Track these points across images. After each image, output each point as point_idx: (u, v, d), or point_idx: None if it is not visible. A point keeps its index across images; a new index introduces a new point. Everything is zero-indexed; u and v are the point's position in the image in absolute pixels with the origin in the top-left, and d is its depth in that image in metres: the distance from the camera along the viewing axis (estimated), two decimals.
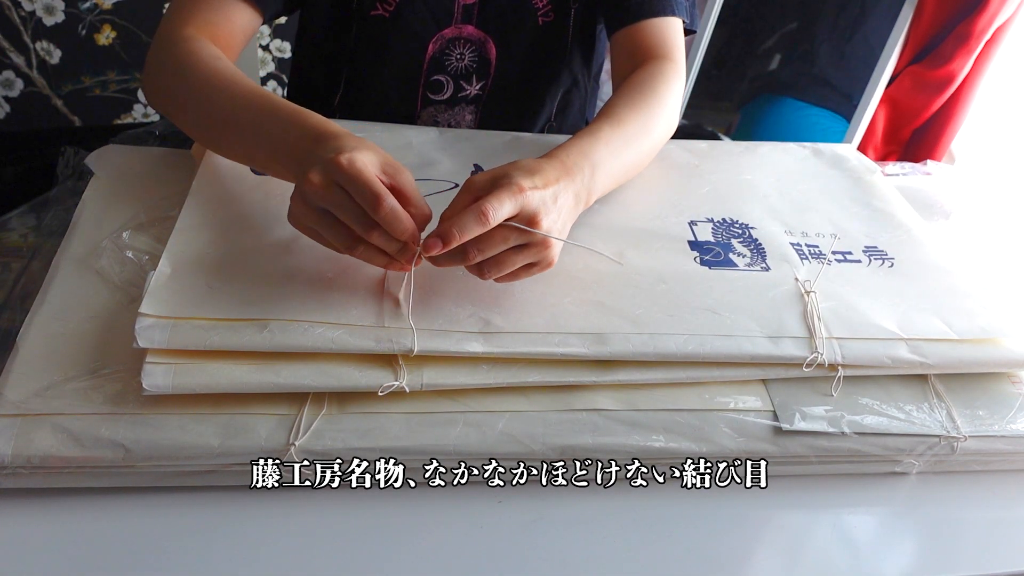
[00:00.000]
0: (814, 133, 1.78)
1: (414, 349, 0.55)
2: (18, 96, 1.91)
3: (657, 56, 0.80)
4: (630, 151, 0.70)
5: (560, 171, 0.59)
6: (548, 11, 0.87)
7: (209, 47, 0.69)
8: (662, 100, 0.75)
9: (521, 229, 0.54)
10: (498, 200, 0.53)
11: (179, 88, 0.68)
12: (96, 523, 0.53)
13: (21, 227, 0.75)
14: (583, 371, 0.58)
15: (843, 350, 0.60)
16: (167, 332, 0.54)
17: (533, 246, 0.56)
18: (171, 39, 0.70)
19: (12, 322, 0.60)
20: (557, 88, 0.93)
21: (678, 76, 0.79)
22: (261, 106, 0.62)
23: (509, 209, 0.53)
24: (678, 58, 0.81)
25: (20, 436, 0.51)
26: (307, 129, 0.58)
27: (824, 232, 0.73)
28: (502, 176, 0.56)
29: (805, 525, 0.59)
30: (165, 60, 0.70)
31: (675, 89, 0.78)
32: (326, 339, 0.55)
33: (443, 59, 0.87)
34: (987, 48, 1.42)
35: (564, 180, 0.59)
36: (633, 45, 0.82)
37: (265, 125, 0.61)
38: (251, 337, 0.54)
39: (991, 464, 0.63)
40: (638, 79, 0.76)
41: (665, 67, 0.78)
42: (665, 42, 0.81)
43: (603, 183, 0.66)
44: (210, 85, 0.66)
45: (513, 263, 0.56)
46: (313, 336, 0.55)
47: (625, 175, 0.72)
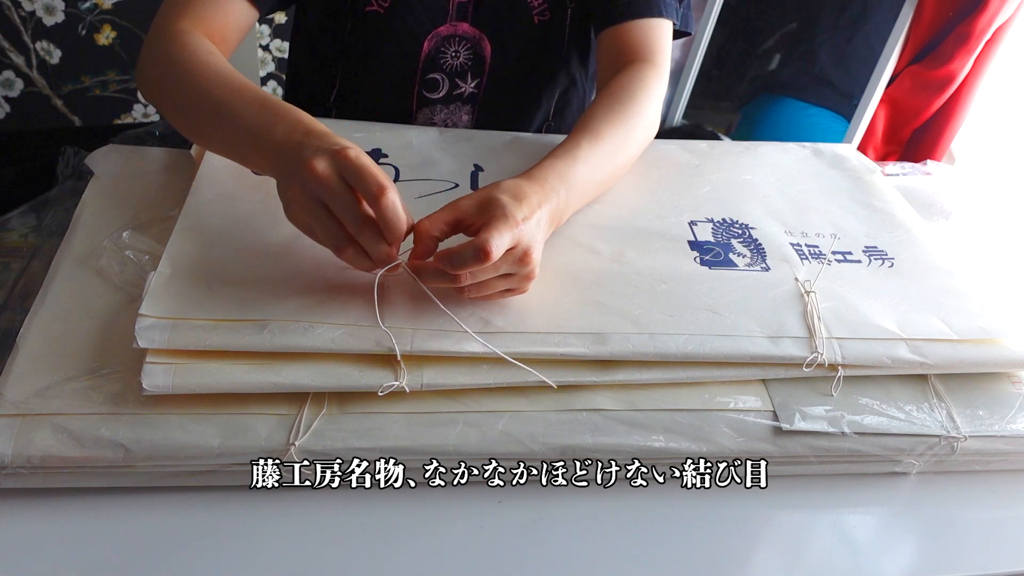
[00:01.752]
0: (814, 133, 1.78)
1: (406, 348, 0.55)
2: (18, 96, 1.91)
3: (640, 59, 0.80)
4: (607, 167, 0.71)
5: (541, 195, 0.60)
6: (544, 10, 0.87)
7: (202, 41, 0.69)
8: (642, 108, 0.75)
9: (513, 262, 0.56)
10: (499, 236, 0.53)
11: (168, 80, 0.69)
12: (96, 523, 0.53)
13: (21, 227, 0.75)
14: (583, 371, 0.58)
15: (843, 350, 0.60)
16: (167, 332, 0.54)
17: (518, 275, 0.57)
18: (164, 32, 0.70)
19: (12, 322, 0.60)
20: (554, 88, 0.93)
21: (659, 80, 0.79)
22: (249, 99, 0.62)
23: (508, 243, 0.54)
24: (661, 61, 0.81)
25: (20, 436, 0.51)
26: (295, 124, 0.58)
27: (824, 232, 0.73)
28: (495, 205, 0.56)
29: (805, 525, 0.59)
30: (157, 53, 0.70)
31: (655, 94, 0.77)
32: (326, 339, 0.55)
33: (438, 57, 0.87)
34: (987, 48, 1.42)
35: (545, 205, 0.60)
36: (618, 46, 0.82)
37: (251, 118, 0.61)
38: (251, 337, 0.54)
39: (991, 464, 0.63)
40: (618, 86, 0.76)
41: (646, 71, 0.78)
42: (650, 44, 0.81)
43: (577, 203, 0.68)
44: (199, 77, 0.66)
45: (495, 287, 0.57)
46: (313, 336, 0.55)
47: (601, 189, 0.73)
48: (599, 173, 0.70)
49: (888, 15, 1.57)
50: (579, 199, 0.68)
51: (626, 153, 0.74)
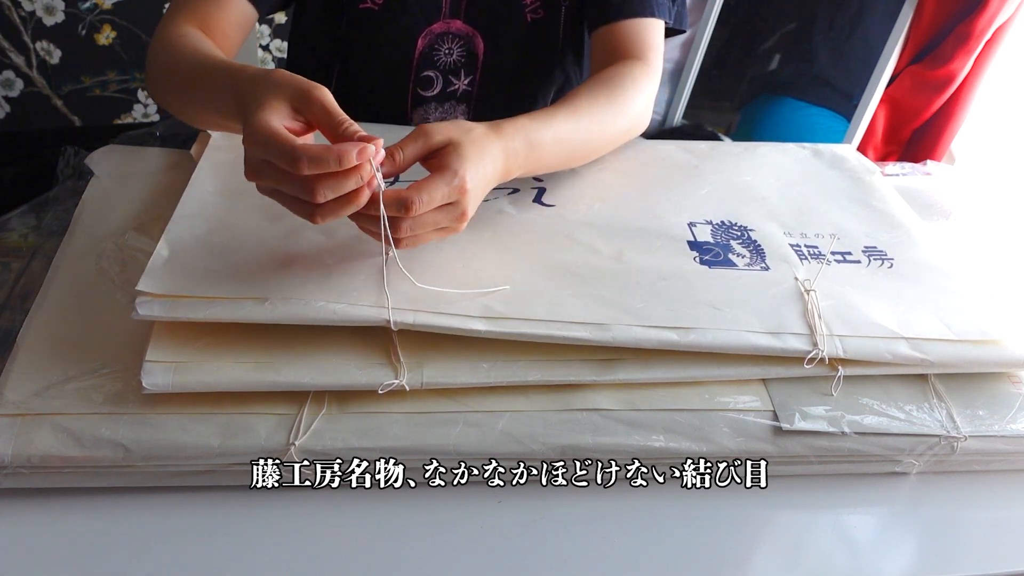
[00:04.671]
0: (814, 133, 1.78)
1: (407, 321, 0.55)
2: (18, 96, 1.91)
3: (632, 56, 0.80)
4: (577, 137, 0.71)
5: (497, 148, 0.60)
6: (537, 8, 0.87)
7: (195, 34, 0.71)
8: (626, 95, 0.75)
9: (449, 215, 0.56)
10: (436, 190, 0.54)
11: (162, 73, 0.70)
12: (96, 523, 0.53)
13: (21, 227, 0.75)
14: (583, 370, 0.58)
15: (844, 346, 0.60)
16: (167, 305, 0.54)
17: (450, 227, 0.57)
18: (164, 31, 0.72)
19: (12, 322, 0.60)
20: (549, 86, 0.93)
21: (649, 77, 0.79)
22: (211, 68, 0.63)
23: (443, 198, 0.55)
24: (652, 60, 0.81)
25: (20, 436, 0.51)
26: (239, 80, 0.57)
27: (823, 233, 0.73)
28: (451, 155, 0.56)
29: (805, 525, 0.59)
30: (158, 51, 0.71)
31: (643, 88, 0.77)
32: (328, 311, 0.54)
33: (432, 54, 0.87)
34: (987, 48, 1.42)
35: (499, 161, 0.60)
36: (610, 44, 0.82)
37: (212, 84, 0.62)
38: (251, 310, 0.54)
39: (991, 464, 0.63)
40: (606, 74, 0.77)
41: (636, 67, 0.78)
42: (642, 43, 0.81)
43: (535, 165, 0.67)
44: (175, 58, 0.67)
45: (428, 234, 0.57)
46: (315, 309, 0.54)
47: (570, 160, 0.73)
48: (568, 144, 0.70)
49: (888, 15, 1.57)
50: (538, 163, 0.67)
51: (603, 131, 0.74)
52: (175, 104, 0.71)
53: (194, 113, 0.70)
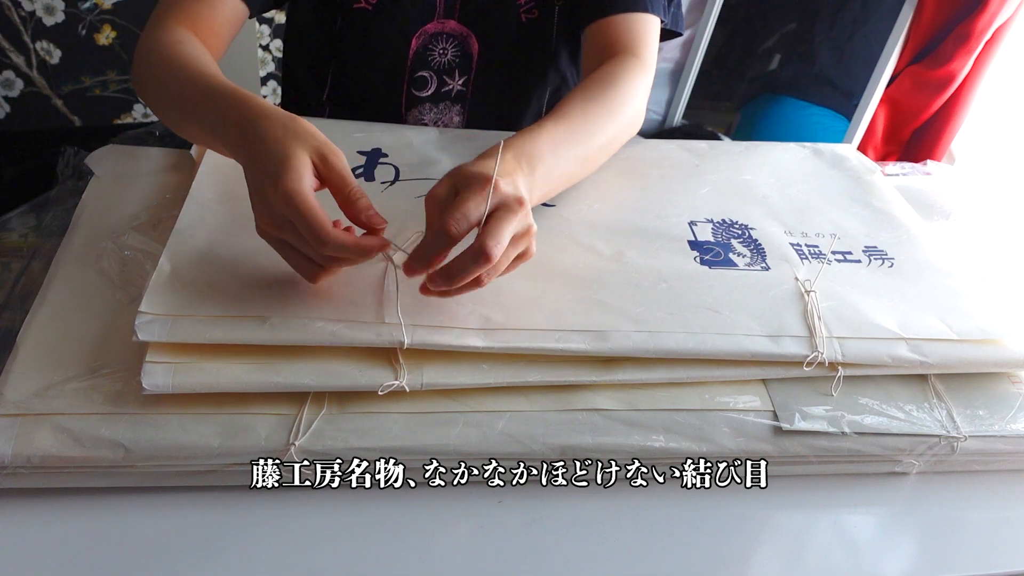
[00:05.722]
0: (814, 132, 1.78)
1: (405, 342, 0.55)
2: (18, 96, 1.91)
3: (624, 52, 0.78)
4: (577, 149, 0.67)
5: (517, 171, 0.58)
6: (531, 8, 0.86)
7: (180, 33, 0.69)
8: (621, 95, 0.73)
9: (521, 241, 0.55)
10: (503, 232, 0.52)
11: (147, 75, 0.69)
12: (96, 523, 0.53)
13: (21, 227, 0.75)
14: (583, 370, 0.58)
15: (843, 349, 0.60)
16: (167, 327, 0.54)
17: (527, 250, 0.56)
18: (154, 34, 0.70)
19: (12, 322, 0.60)
20: (544, 86, 0.93)
21: (643, 72, 0.77)
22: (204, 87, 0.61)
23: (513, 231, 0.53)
24: (646, 55, 0.79)
25: (20, 436, 0.51)
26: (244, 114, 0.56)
27: (824, 232, 0.73)
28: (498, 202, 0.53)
29: (805, 525, 0.59)
30: (148, 55, 0.70)
31: (637, 84, 0.75)
32: (326, 333, 0.55)
33: (426, 54, 0.87)
34: (987, 48, 1.42)
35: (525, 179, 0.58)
36: (603, 40, 0.81)
37: (208, 107, 0.60)
38: (252, 331, 0.54)
39: (991, 464, 0.63)
40: (598, 75, 0.74)
41: (629, 63, 0.76)
42: (635, 38, 0.79)
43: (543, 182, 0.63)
44: (168, 68, 0.66)
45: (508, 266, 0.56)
46: (314, 330, 0.55)
47: (573, 173, 0.70)
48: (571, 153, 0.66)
49: (888, 15, 1.57)
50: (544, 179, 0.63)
51: (601, 136, 0.71)
52: (162, 113, 0.69)
53: (183, 127, 0.67)
